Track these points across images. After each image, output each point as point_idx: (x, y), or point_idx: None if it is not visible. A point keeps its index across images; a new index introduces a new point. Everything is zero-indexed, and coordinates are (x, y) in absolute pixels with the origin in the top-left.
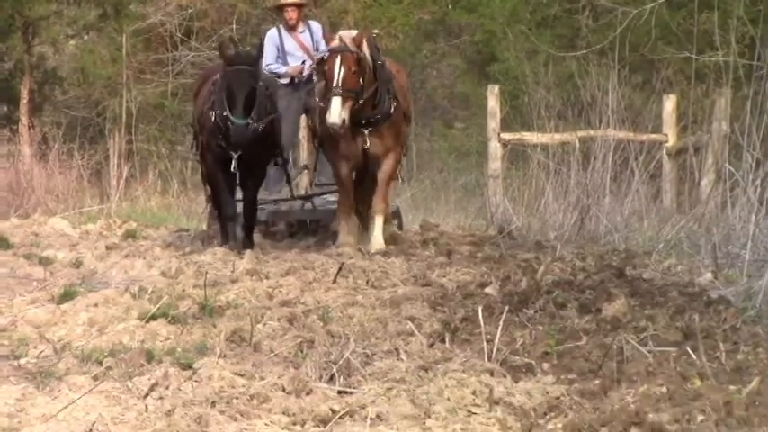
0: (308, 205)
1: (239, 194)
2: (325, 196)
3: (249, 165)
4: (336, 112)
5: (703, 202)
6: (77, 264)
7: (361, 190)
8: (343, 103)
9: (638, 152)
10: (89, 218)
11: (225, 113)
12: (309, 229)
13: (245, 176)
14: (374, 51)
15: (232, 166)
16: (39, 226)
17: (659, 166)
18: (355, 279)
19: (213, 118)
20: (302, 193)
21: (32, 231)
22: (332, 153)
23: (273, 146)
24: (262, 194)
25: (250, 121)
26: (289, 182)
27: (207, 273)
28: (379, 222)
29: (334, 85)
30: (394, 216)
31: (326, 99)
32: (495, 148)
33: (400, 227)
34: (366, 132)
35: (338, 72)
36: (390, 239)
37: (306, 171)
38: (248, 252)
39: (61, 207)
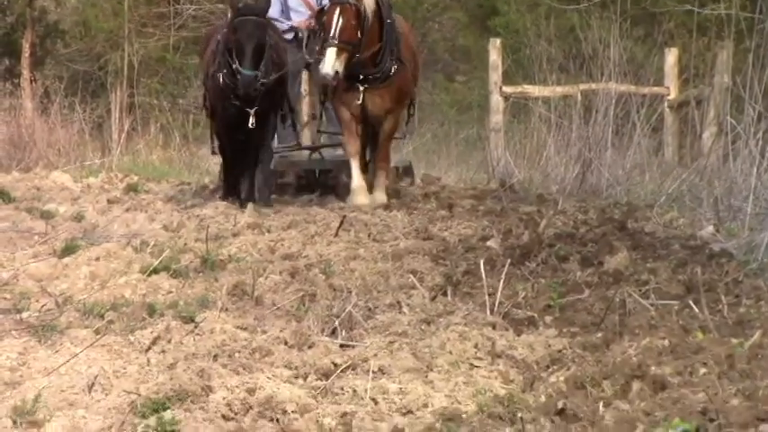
0: (316, 155)
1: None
2: (333, 148)
3: (261, 120)
4: (330, 63)
5: (705, 155)
6: (79, 218)
7: (365, 138)
8: (338, 54)
9: (639, 105)
10: (90, 172)
11: (234, 66)
12: (319, 181)
13: (256, 135)
14: (385, 9)
15: (250, 122)
16: (40, 180)
17: (661, 120)
18: (357, 233)
19: (222, 79)
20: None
21: (34, 185)
22: (334, 100)
23: (282, 100)
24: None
25: (258, 73)
26: (294, 128)
27: (209, 226)
28: (381, 179)
29: (330, 35)
30: (406, 172)
31: (322, 49)
32: (496, 101)
33: (413, 182)
34: (361, 89)
35: (336, 23)
36: (393, 194)
37: (309, 125)
38: (250, 205)
39: (63, 161)
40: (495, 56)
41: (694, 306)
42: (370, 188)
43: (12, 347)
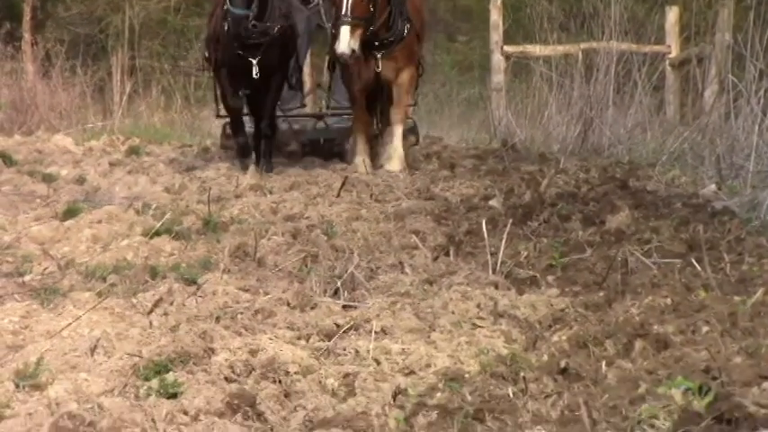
0: (321, 124)
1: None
2: (338, 117)
3: (266, 73)
4: (345, 42)
5: (707, 113)
6: (81, 180)
7: (376, 110)
8: (353, 31)
9: (640, 64)
10: (92, 134)
11: (225, 6)
12: (323, 149)
13: (262, 89)
14: None
15: (254, 72)
16: (42, 143)
17: (662, 78)
18: (359, 193)
19: (227, 27)
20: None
21: (36, 148)
22: (344, 72)
23: (289, 54)
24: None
25: (250, 13)
26: (301, 89)
27: (210, 188)
28: (398, 132)
29: (342, 13)
30: (411, 131)
31: (335, 26)
32: (497, 60)
33: (417, 142)
34: (379, 56)
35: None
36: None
37: (313, 93)
38: (252, 167)
39: (64, 124)
40: (495, 15)
41: (697, 264)
42: (384, 145)
43: (14, 311)
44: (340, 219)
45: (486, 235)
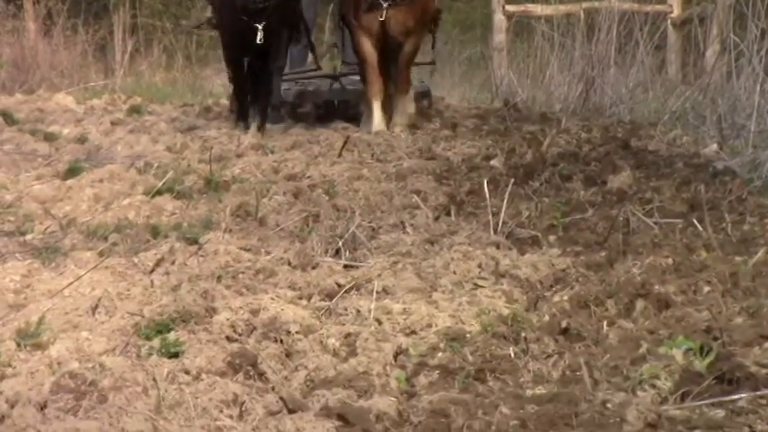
0: (336, 85)
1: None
2: (353, 77)
3: (270, 35)
4: None
5: (708, 72)
6: (82, 139)
7: (386, 71)
8: None
9: (642, 23)
10: (94, 93)
11: None
12: (338, 110)
13: (266, 52)
14: None
15: (258, 38)
16: (43, 102)
17: (664, 37)
18: (360, 153)
19: None
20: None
21: (37, 107)
22: (352, 28)
23: (294, 15)
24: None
25: None
26: (312, 49)
27: (212, 148)
28: (400, 102)
29: None
30: (424, 95)
31: None
32: (499, 20)
33: (430, 105)
34: (385, 5)
35: None
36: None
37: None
38: (253, 126)
39: (66, 82)
40: None
41: (698, 224)
42: (390, 115)
43: (15, 270)
44: (341, 178)
45: (487, 195)
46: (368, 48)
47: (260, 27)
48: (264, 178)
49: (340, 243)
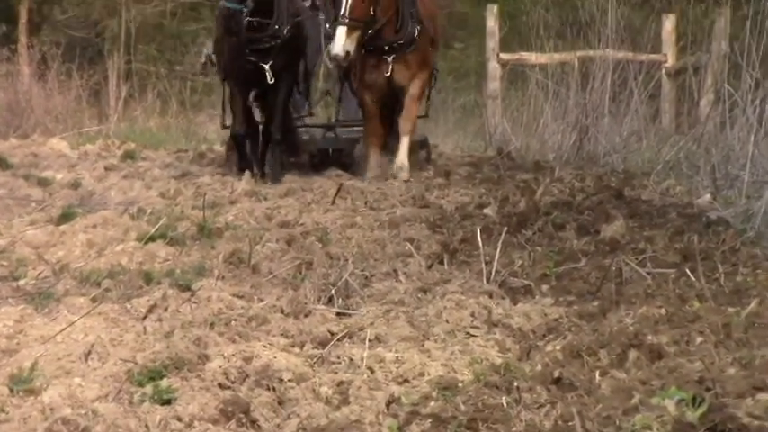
0: (331, 134)
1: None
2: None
3: (277, 75)
4: (340, 43)
5: (702, 122)
6: (76, 185)
7: (388, 122)
8: (349, 33)
9: (636, 72)
10: (88, 138)
11: (221, 3)
12: (332, 159)
13: (271, 92)
14: None
15: (268, 78)
16: (37, 146)
17: (658, 87)
18: (354, 200)
19: (230, 27)
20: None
21: (31, 152)
22: (356, 82)
23: (299, 56)
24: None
25: (244, 9)
26: (308, 96)
27: (205, 194)
28: (405, 142)
29: (340, 14)
30: (422, 146)
31: (332, 27)
32: (493, 68)
33: (428, 158)
34: (390, 59)
35: (346, 0)
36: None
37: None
38: (246, 173)
39: (60, 127)
40: (492, 22)
41: (691, 275)
42: (397, 152)
43: (8, 315)
44: (335, 226)
45: (480, 243)
46: (371, 102)
47: (267, 67)
48: (258, 225)
49: (333, 291)
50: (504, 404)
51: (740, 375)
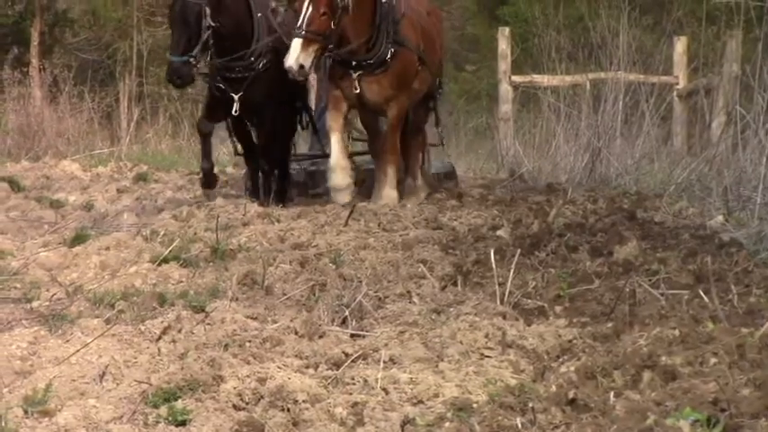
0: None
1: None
2: (366, 157)
3: (254, 109)
4: (294, 56)
5: (714, 144)
6: (88, 207)
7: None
8: (306, 46)
9: (648, 94)
10: (100, 161)
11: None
12: None
13: (255, 126)
14: None
15: (233, 109)
16: (50, 169)
17: (670, 109)
18: (367, 222)
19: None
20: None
21: (43, 174)
22: (327, 94)
23: (283, 90)
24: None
25: (191, 59)
26: (315, 131)
27: (218, 216)
28: (381, 175)
29: (297, 25)
30: (449, 176)
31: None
32: (505, 90)
33: (456, 185)
34: (355, 76)
35: (305, 12)
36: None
37: None
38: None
39: (72, 150)
40: (504, 45)
41: (704, 296)
42: (377, 185)
43: (22, 337)
44: (348, 247)
45: (494, 265)
46: (336, 92)
47: (236, 97)
48: (271, 247)
49: (347, 312)
50: (519, 425)
51: (755, 396)
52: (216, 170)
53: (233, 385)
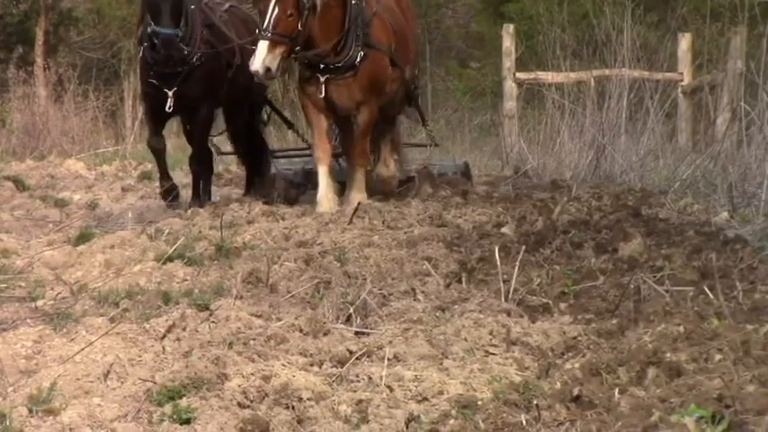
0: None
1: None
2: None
3: (188, 106)
4: (260, 59)
5: (719, 140)
6: (93, 205)
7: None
8: (272, 48)
9: (653, 91)
10: (104, 159)
11: (150, 28)
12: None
13: (188, 123)
14: None
15: (167, 105)
16: (54, 168)
17: (674, 105)
18: (371, 220)
19: (141, 52)
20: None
21: (48, 173)
22: (301, 96)
23: (216, 85)
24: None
25: (179, 32)
26: (291, 127)
27: (223, 214)
28: (358, 176)
29: (263, 27)
30: (464, 174)
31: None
32: (510, 87)
33: (471, 184)
34: (322, 79)
35: (271, 12)
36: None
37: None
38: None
39: (77, 149)
40: (508, 42)
41: (709, 292)
42: (347, 187)
43: (27, 336)
44: (352, 245)
45: (498, 262)
46: (314, 114)
47: (170, 93)
48: (275, 245)
49: (351, 310)
50: (524, 422)
51: (760, 393)
52: (221, 168)
53: (237, 383)
